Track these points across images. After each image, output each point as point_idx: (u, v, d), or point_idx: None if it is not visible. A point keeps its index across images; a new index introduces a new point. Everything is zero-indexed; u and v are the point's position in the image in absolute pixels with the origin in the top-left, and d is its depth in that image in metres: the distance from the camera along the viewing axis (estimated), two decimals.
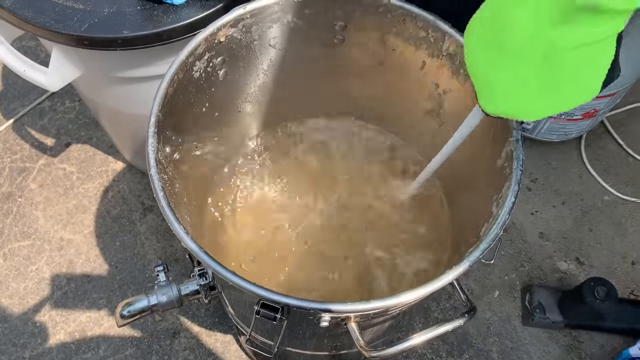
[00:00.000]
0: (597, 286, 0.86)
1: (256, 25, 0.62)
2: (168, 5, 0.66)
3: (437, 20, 0.60)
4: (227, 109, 0.70)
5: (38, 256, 0.99)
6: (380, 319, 0.59)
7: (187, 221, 0.60)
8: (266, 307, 0.47)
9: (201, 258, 0.46)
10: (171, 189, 0.55)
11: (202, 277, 0.60)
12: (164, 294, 0.60)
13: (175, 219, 0.48)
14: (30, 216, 1.03)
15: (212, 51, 0.60)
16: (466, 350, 0.91)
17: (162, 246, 0.99)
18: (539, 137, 1.04)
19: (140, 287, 0.96)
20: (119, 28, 0.65)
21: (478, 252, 0.48)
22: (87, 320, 0.93)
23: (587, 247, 1.00)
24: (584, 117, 0.98)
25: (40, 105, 1.16)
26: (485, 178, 0.58)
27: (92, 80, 0.79)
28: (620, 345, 0.91)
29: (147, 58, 0.71)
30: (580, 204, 1.04)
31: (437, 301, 0.95)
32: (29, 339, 0.91)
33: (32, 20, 0.66)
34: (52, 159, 1.09)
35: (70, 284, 0.96)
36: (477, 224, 0.55)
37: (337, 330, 0.56)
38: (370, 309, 0.45)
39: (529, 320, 0.91)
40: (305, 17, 0.63)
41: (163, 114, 0.54)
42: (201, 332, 0.92)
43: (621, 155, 1.10)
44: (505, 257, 0.99)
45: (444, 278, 0.47)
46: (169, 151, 0.57)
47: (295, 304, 0.45)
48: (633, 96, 1.13)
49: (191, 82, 0.60)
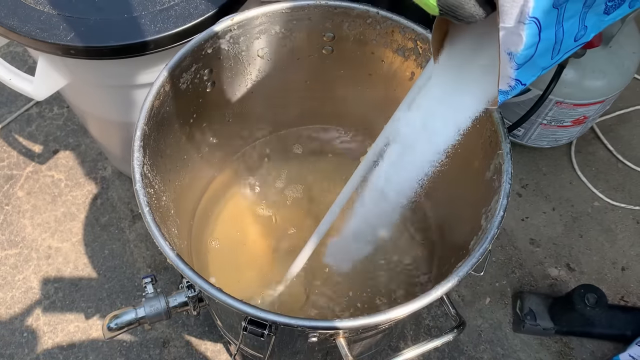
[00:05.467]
0: (587, 293, 0.86)
1: (244, 36, 0.62)
2: (155, 14, 0.66)
3: (426, 32, 0.59)
4: (216, 120, 0.70)
5: (25, 265, 0.98)
6: (371, 333, 0.58)
7: (175, 233, 0.60)
8: (254, 323, 0.47)
9: (187, 274, 0.46)
10: (157, 203, 0.54)
11: (191, 288, 0.60)
12: (152, 306, 0.60)
13: (161, 234, 0.48)
14: (18, 224, 1.02)
15: (200, 62, 0.60)
16: (457, 358, 0.91)
17: (151, 254, 0.99)
18: (529, 144, 1.05)
19: (129, 295, 0.95)
20: (105, 37, 0.64)
21: (467, 267, 0.48)
22: (75, 330, 0.92)
23: (578, 253, 1.00)
24: (574, 123, 0.98)
25: (28, 112, 1.15)
26: (474, 191, 0.58)
27: (79, 88, 0.78)
28: (610, 351, 0.91)
29: (134, 67, 0.71)
30: (570, 210, 1.04)
31: (428, 308, 0.94)
32: (16, 349, 0.90)
33: (18, 29, 0.65)
34: (39, 166, 1.08)
35: (58, 293, 0.95)
36: (466, 237, 0.55)
37: (326, 344, 0.55)
38: (358, 326, 0.45)
39: (520, 326, 0.91)
40: (294, 28, 0.63)
41: (149, 127, 0.54)
42: (191, 341, 0.91)
43: (611, 161, 1.10)
44: (496, 263, 0.99)
45: (432, 293, 0.47)
46: (155, 164, 0.56)
47: (283, 322, 0.44)
48: (622, 102, 1.14)
49: (178, 94, 0.59)
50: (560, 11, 0.36)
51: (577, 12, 0.38)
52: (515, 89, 0.39)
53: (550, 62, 0.39)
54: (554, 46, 0.38)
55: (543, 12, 0.35)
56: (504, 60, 0.38)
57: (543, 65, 0.39)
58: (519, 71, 0.38)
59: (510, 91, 0.40)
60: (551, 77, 0.85)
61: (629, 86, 0.95)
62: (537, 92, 0.91)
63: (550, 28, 0.37)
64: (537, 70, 0.39)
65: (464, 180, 0.62)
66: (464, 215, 0.61)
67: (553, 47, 0.38)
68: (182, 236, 0.65)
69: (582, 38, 0.39)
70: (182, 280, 0.61)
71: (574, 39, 0.39)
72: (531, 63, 0.38)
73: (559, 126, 0.98)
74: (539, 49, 0.37)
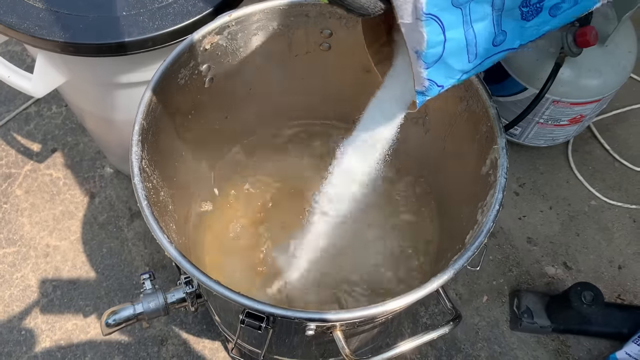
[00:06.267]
0: (584, 291, 0.87)
1: (242, 32, 0.62)
2: (153, 11, 0.66)
3: None
4: (214, 116, 0.70)
5: (24, 263, 0.98)
6: (367, 327, 0.59)
7: (172, 229, 0.60)
8: (251, 316, 0.47)
9: (184, 267, 0.46)
10: (156, 198, 0.55)
11: (189, 284, 0.60)
12: (150, 302, 0.60)
13: (159, 227, 0.48)
14: (16, 223, 1.02)
15: (198, 58, 0.60)
16: (455, 356, 0.91)
17: (149, 252, 0.99)
18: (526, 143, 1.05)
19: (127, 293, 0.95)
20: (104, 34, 0.65)
21: (463, 260, 0.48)
22: (73, 328, 0.92)
23: (575, 251, 1.00)
24: (570, 122, 0.98)
25: (27, 110, 1.15)
26: (471, 186, 0.58)
27: (77, 86, 0.78)
28: (607, 349, 0.92)
29: (133, 64, 0.71)
30: (567, 208, 1.05)
31: (425, 306, 0.95)
32: (14, 347, 0.90)
33: (17, 26, 0.65)
34: (38, 164, 1.08)
35: (57, 291, 0.95)
36: (462, 231, 0.56)
37: (323, 338, 0.56)
38: (354, 317, 0.45)
39: (517, 325, 0.92)
40: (291, 25, 0.63)
41: (147, 122, 0.54)
42: (189, 339, 0.91)
43: (607, 160, 1.10)
44: (494, 262, 0.99)
45: (428, 286, 0.47)
46: (153, 159, 0.56)
47: (280, 314, 0.45)
48: (618, 102, 1.14)
49: (176, 90, 0.60)
50: (465, 11, 0.37)
51: (487, 15, 0.38)
52: (430, 89, 0.39)
53: (470, 66, 0.39)
54: (467, 48, 0.38)
55: (441, 9, 0.35)
56: (413, 59, 0.38)
57: (461, 69, 0.39)
58: (430, 71, 0.38)
59: (427, 92, 0.40)
60: (548, 76, 0.85)
61: (625, 85, 0.96)
62: (533, 91, 0.92)
63: (456, 28, 0.37)
64: (454, 72, 0.39)
65: (460, 176, 0.62)
66: (460, 211, 0.61)
67: (467, 49, 0.38)
68: (180, 232, 0.66)
69: (504, 44, 0.39)
70: (180, 277, 0.61)
71: (493, 44, 0.39)
72: (442, 64, 0.38)
73: (556, 125, 0.99)
74: (447, 48, 0.37)
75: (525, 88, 0.94)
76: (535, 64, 0.91)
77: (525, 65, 0.92)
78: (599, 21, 0.87)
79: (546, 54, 0.90)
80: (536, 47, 0.91)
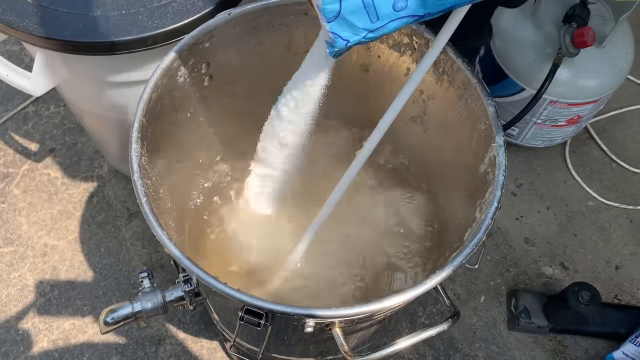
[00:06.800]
0: (581, 291, 0.87)
1: (241, 31, 0.62)
2: (153, 10, 0.66)
3: (421, 28, 0.60)
4: (212, 114, 0.70)
5: (21, 262, 0.98)
6: (366, 324, 0.59)
7: (171, 226, 0.60)
8: (250, 312, 0.47)
9: (184, 263, 0.46)
10: (155, 195, 0.55)
11: (187, 283, 0.60)
12: (149, 300, 0.60)
13: (158, 224, 0.48)
14: (14, 222, 1.01)
15: (197, 56, 0.60)
16: (452, 355, 0.91)
17: (147, 252, 0.99)
18: (524, 143, 1.05)
19: (125, 293, 0.95)
20: (103, 33, 0.65)
21: (461, 257, 0.48)
22: (71, 328, 0.92)
23: (572, 252, 1.01)
24: (568, 123, 0.99)
25: (25, 110, 1.15)
26: (469, 183, 0.58)
27: (76, 85, 0.78)
28: (604, 349, 0.92)
29: (132, 63, 0.71)
30: (564, 209, 1.05)
31: (423, 306, 0.95)
32: (11, 347, 0.90)
33: (15, 24, 0.65)
34: (36, 164, 1.08)
35: (54, 291, 0.95)
36: (461, 229, 0.56)
37: (322, 335, 0.56)
38: (354, 314, 0.45)
39: (515, 325, 0.92)
40: (290, 23, 0.64)
41: (147, 119, 0.54)
42: (187, 338, 0.91)
43: (605, 161, 1.11)
44: (491, 262, 0.99)
45: (427, 283, 0.47)
46: (152, 156, 0.57)
47: (279, 310, 0.45)
48: (616, 103, 1.15)
49: (176, 87, 0.60)
50: None
51: None
52: (336, 42, 0.43)
53: (374, 26, 0.42)
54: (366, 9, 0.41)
55: None
56: (318, 13, 0.42)
57: (365, 27, 0.42)
58: (332, 25, 0.42)
59: (334, 44, 0.43)
60: (545, 77, 0.86)
61: (623, 86, 0.96)
62: (531, 92, 0.92)
63: None
64: (357, 30, 0.42)
65: (459, 174, 0.62)
66: (458, 209, 0.61)
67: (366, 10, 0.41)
68: (178, 230, 0.66)
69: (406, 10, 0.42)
70: (179, 275, 0.61)
71: (394, 8, 0.42)
72: (343, 19, 0.42)
73: (554, 126, 0.99)
74: (345, 7, 0.41)
75: (523, 89, 0.94)
76: (533, 65, 0.91)
77: (523, 66, 0.93)
78: (596, 22, 0.88)
79: (544, 55, 0.90)
80: (534, 47, 0.91)
